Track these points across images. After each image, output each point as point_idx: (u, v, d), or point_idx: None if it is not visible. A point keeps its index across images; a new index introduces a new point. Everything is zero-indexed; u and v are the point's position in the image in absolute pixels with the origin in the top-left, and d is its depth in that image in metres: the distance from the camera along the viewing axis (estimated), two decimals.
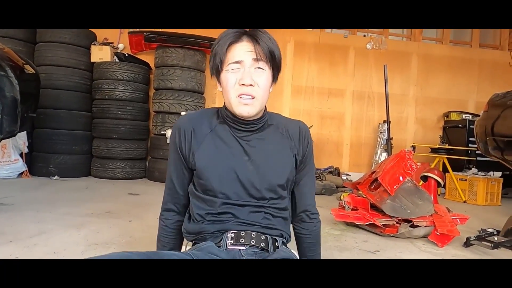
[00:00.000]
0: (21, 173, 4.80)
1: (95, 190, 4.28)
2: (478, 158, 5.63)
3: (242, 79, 1.06)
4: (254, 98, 1.08)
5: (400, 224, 2.84)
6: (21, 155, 4.81)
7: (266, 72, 1.09)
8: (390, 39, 6.94)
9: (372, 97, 6.71)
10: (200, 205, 1.17)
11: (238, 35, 1.07)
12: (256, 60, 1.06)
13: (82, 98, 5.26)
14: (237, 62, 1.07)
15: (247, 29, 1.10)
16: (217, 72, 1.12)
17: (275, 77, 1.15)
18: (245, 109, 1.08)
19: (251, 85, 1.06)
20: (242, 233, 1.11)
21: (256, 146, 1.15)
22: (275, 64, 1.11)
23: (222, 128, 1.16)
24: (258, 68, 1.08)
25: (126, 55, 5.60)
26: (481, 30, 7.24)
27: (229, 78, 1.08)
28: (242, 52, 1.07)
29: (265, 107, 1.18)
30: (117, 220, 2.87)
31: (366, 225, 2.93)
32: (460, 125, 6.12)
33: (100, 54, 5.38)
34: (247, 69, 1.07)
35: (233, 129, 1.16)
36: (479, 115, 4.24)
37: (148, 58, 5.85)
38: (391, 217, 2.85)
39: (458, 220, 2.94)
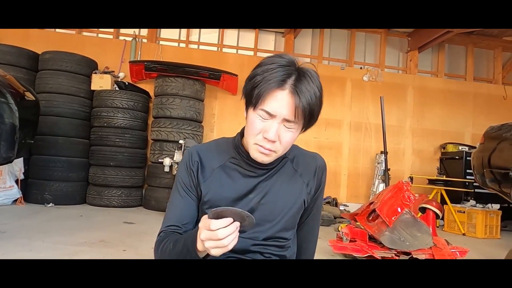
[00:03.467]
0: (16, 200, 4.74)
1: (90, 218, 4.22)
2: (476, 190, 5.62)
3: (267, 132, 0.96)
4: (273, 151, 1.00)
5: (399, 256, 2.80)
6: (16, 181, 4.76)
7: (294, 131, 0.99)
8: (386, 71, 7.09)
9: (369, 128, 6.77)
10: None
11: (282, 82, 0.93)
12: (289, 120, 0.96)
13: (80, 125, 5.28)
14: (270, 114, 0.95)
15: (295, 70, 0.96)
16: (248, 102, 1.00)
17: (304, 129, 1.04)
18: (261, 157, 1.01)
19: (274, 141, 0.97)
20: None
21: (265, 185, 1.09)
22: (309, 121, 1.00)
23: (232, 164, 1.10)
24: (287, 127, 0.97)
25: (127, 83, 5.67)
26: (474, 64, 7.42)
27: (255, 124, 0.98)
28: (279, 105, 0.94)
29: None
30: (110, 250, 2.81)
31: (364, 257, 2.88)
32: (457, 157, 6.15)
33: (100, 82, 5.45)
34: (275, 125, 0.96)
35: (245, 165, 1.09)
36: (475, 147, 4.26)
37: (148, 87, 5.93)
38: (389, 249, 2.81)
39: (457, 253, 2.90)
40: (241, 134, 1.11)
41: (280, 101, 0.94)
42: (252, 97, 0.96)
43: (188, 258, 0.94)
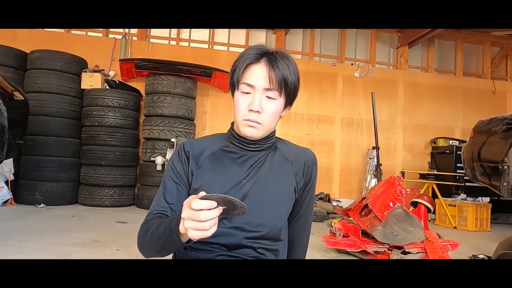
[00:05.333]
0: (6, 201, 4.68)
1: (82, 218, 4.19)
2: (467, 184, 5.68)
3: (251, 104, 1.06)
4: (260, 124, 1.08)
5: (391, 250, 2.82)
6: (6, 182, 4.70)
7: (276, 101, 1.09)
8: (377, 67, 7.12)
9: (361, 124, 6.81)
10: None
11: (257, 57, 1.07)
12: (268, 89, 1.06)
13: (71, 125, 5.22)
14: (250, 85, 1.06)
15: (269, 50, 1.09)
16: (233, 88, 1.12)
17: (287, 104, 1.14)
18: (250, 130, 1.08)
19: (258, 111, 1.06)
20: None
21: (257, 171, 1.13)
22: (287, 92, 1.10)
23: (224, 152, 1.16)
24: (269, 97, 1.07)
25: (117, 82, 5.62)
26: (464, 59, 7.49)
27: (240, 101, 1.08)
28: (256, 76, 1.06)
29: (274, 130, 1.18)
30: (103, 250, 2.79)
31: (357, 252, 2.90)
32: (448, 151, 6.21)
33: (90, 81, 5.39)
34: (257, 96, 1.06)
35: (236, 149, 1.15)
36: (465, 141, 4.31)
37: (139, 85, 5.89)
38: (382, 243, 2.83)
39: (449, 246, 2.93)
40: (233, 123, 1.17)
41: (257, 72, 1.06)
42: (234, 78, 1.10)
43: (168, 241, 0.93)
